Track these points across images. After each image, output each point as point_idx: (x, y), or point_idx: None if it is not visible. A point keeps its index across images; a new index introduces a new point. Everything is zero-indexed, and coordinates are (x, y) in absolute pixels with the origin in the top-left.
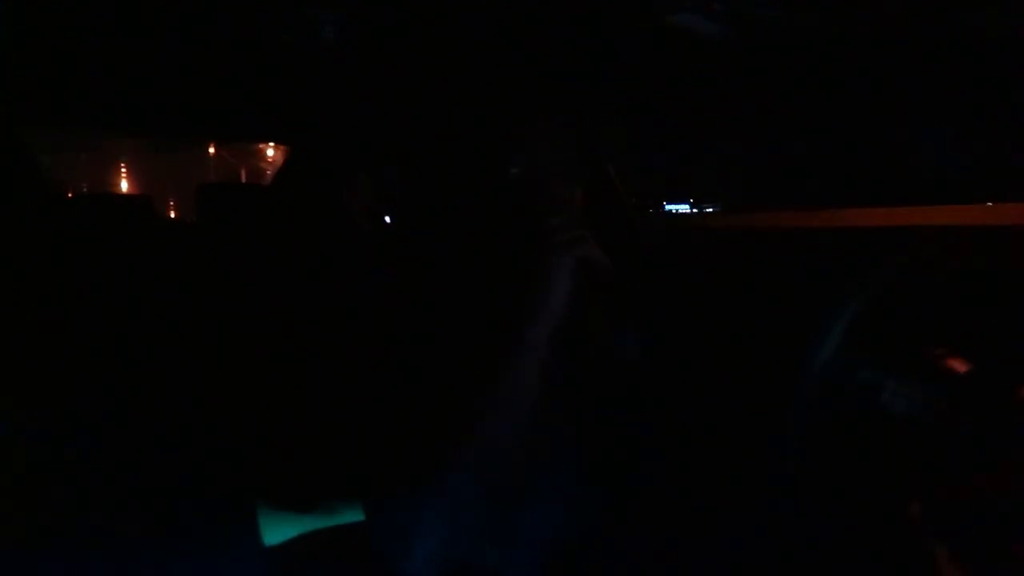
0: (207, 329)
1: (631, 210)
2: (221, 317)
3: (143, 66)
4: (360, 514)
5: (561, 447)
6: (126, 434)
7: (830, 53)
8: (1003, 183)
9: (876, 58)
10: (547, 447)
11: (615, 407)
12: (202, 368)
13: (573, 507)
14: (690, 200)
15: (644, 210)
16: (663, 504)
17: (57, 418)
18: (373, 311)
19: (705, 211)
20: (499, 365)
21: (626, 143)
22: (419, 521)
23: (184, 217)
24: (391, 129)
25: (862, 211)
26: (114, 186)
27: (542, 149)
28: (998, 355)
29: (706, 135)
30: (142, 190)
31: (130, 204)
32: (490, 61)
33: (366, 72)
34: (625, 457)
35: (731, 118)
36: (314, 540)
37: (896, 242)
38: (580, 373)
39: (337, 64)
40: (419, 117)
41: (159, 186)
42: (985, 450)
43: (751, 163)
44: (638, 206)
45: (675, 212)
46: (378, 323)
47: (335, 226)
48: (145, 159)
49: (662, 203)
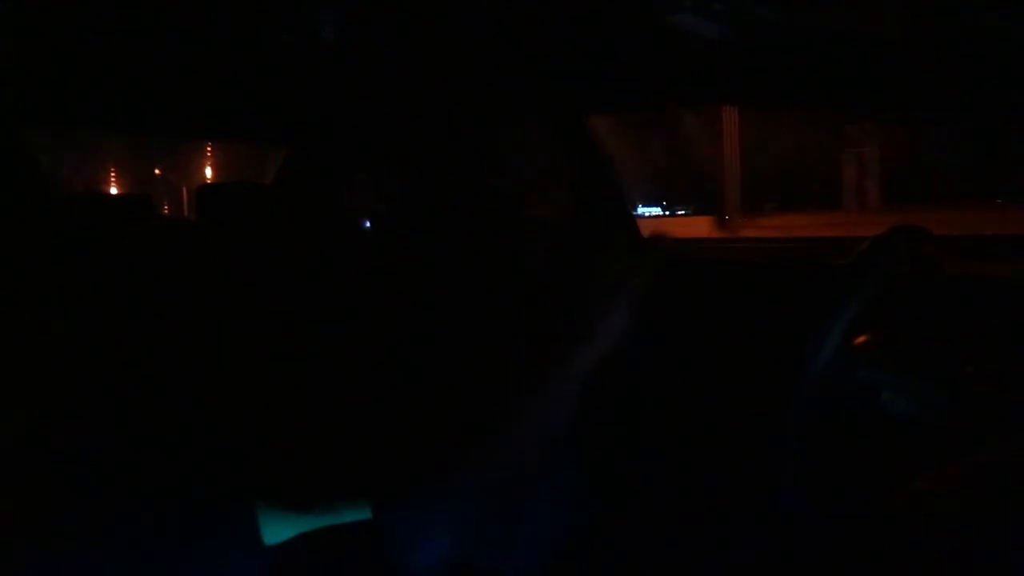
0: (207, 329)
1: (630, 214)
2: (221, 317)
3: (143, 66)
4: (360, 513)
5: (569, 451)
6: (126, 434)
7: (830, 54)
8: (1003, 185)
9: (876, 58)
10: (559, 452)
11: (620, 410)
12: (202, 368)
13: (576, 508)
14: (662, 203)
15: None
16: (664, 504)
17: (57, 418)
18: (373, 311)
19: (677, 213)
20: (530, 376)
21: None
22: (431, 520)
23: (182, 217)
24: (391, 129)
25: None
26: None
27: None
28: (998, 355)
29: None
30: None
31: (130, 204)
32: (489, 61)
33: (366, 72)
34: (627, 459)
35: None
36: (314, 540)
37: (896, 242)
38: (608, 387)
39: (337, 64)
40: (419, 117)
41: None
42: (984, 450)
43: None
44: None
45: (646, 215)
46: (378, 323)
47: (335, 226)
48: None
49: (635, 206)
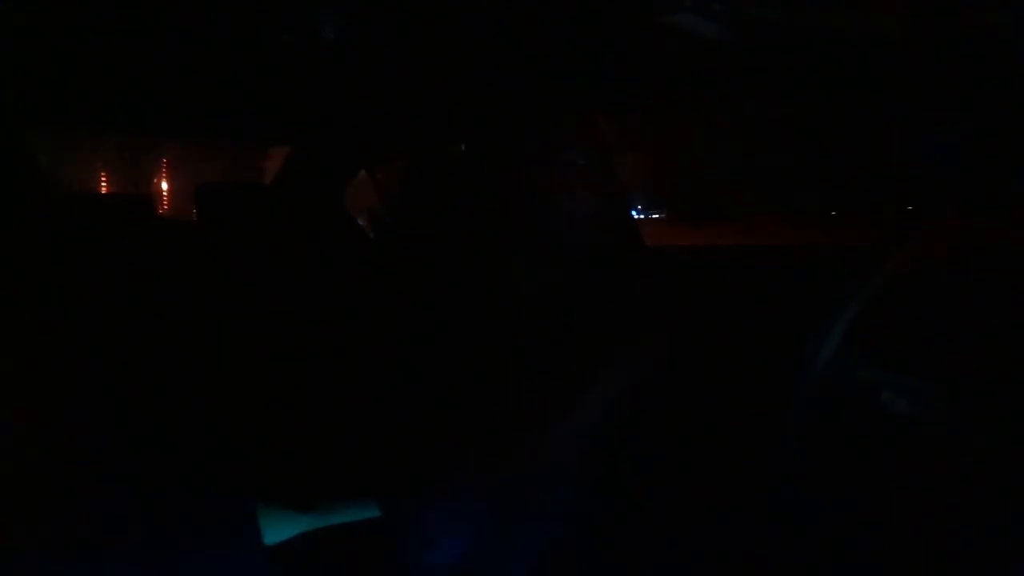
0: (207, 329)
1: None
2: (221, 317)
3: (143, 66)
4: (360, 513)
5: (578, 452)
6: (127, 434)
7: (830, 54)
8: (1004, 186)
9: (876, 59)
10: (570, 454)
11: (623, 411)
12: (202, 368)
13: (580, 507)
14: (637, 207)
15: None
16: (663, 504)
17: (57, 418)
18: (374, 311)
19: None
20: (542, 378)
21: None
22: (448, 520)
23: (185, 217)
24: (392, 129)
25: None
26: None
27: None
28: (998, 355)
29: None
30: None
31: (130, 204)
32: (490, 61)
33: (366, 72)
34: (628, 458)
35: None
36: (314, 540)
37: (897, 243)
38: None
39: (337, 64)
40: (419, 118)
41: None
42: (985, 450)
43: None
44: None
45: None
46: (379, 324)
47: (336, 226)
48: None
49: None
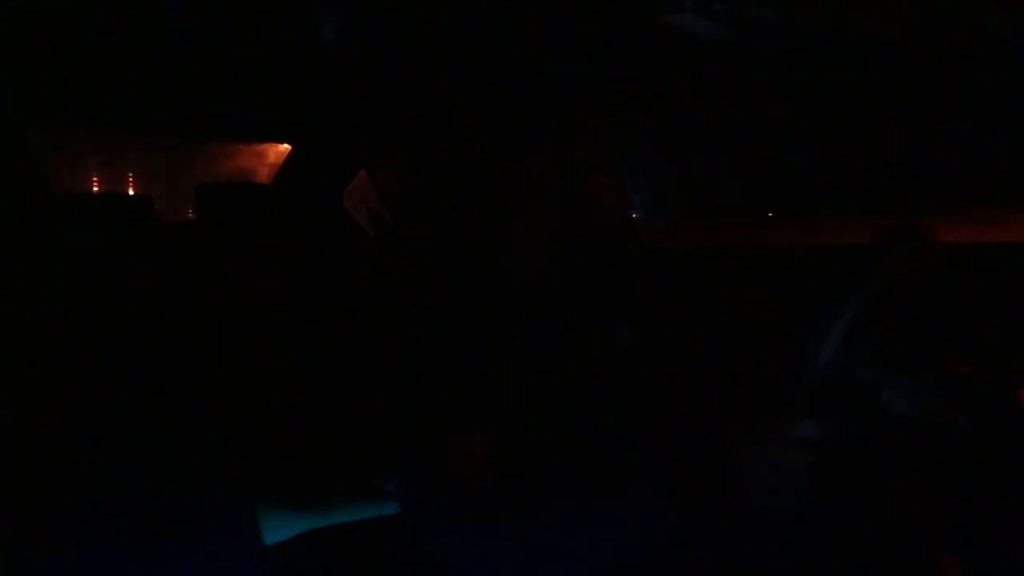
0: (207, 329)
1: (631, 217)
2: (221, 317)
3: (144, 66)
4: (360, 513)
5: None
6: (126, 433)
7: (830, 54)
8: (1004, 188)
9: (877, 59)
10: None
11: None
12: (202, 368)
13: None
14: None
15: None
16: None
17: (57, 417)
18: (374, 312)
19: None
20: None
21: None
22: (487, 526)
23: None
24: (392, 129)
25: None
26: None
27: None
28: (998, 355)
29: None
30: None
31: (130, 204)
32: (490, 61)
33: (366, 72)
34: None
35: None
36: (314, 540)
37: (896, 243)
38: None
39: (337, 64)
40: (419, 118)
41: None
42: (984, 450)
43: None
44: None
45: None
46: (379, 324)
47: (336, 226)
48: None
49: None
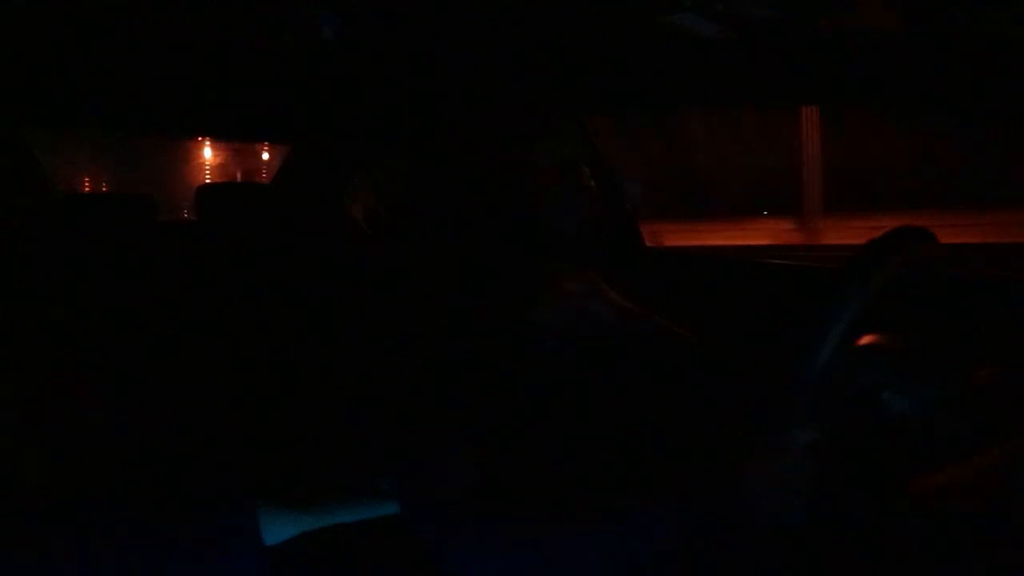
0: (208, 329)
1: (632, 217)
2: (222, 317)
3: (143, 66)
4: (360, 513)
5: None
6: (126, 433)
7: (830, 54)
8: (1004, 189)
9: (876, 58)
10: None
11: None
12: (202, 368)
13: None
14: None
15: None
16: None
17: (57, 417)
18: (374, 312)
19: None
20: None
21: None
22: (500, 536)
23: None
24: (392, 129)
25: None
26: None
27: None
28: (997, 355)
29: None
30: None
31: (130, 204)
32: (490, 61)
33: (366, 72)
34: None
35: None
36: (314, 540)
37: (896, 243)
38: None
39: (337, 64)
40: (419, 118)
41: None
42: (984, 450)
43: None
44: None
45: None
46: (379, 324)
47: (336, 226)
48: None
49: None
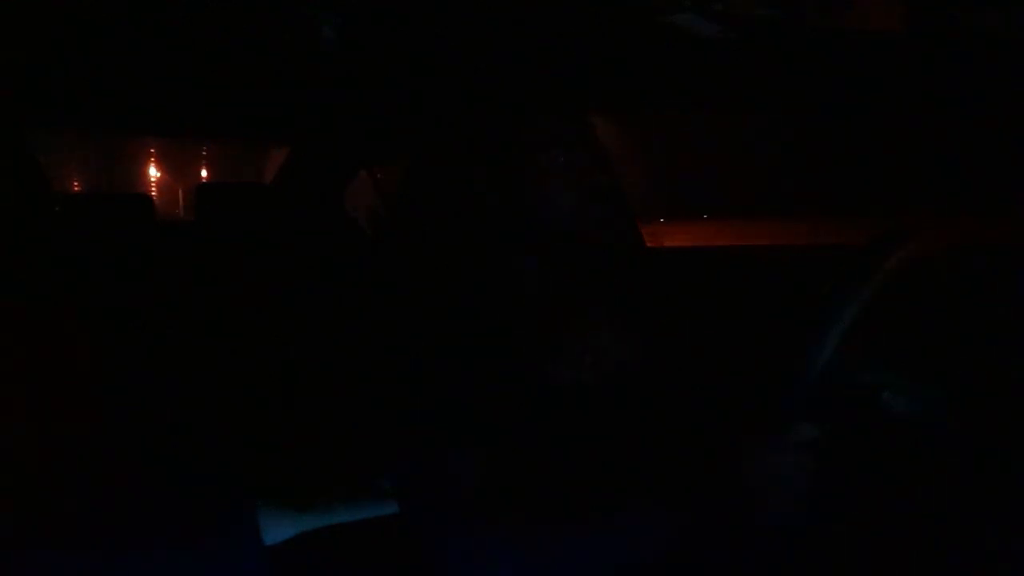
0: (208, 329)
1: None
2: (222, 317)
3: (143, 66)
4: (360, 513)
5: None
6: (127, 433)
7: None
8: (1005, 190)
9: (876, 59)
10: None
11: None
12: (202, 368)
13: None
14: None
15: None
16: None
17: (57, 418)
18: (374, 311)
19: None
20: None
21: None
22: (496, 545)
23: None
24: (393, 129)
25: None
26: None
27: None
28: (997, 355)
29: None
30: None
31: (130, 204)
32: (489, 61)
33: (366, 72)
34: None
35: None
36: (314, 540)
37: (895, 243)
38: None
39: (337, 64)
40: (421, 116)
41: None
42: (984, 450)
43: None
44: None
45: None
46: (379, 323)
47: (336, 226)
48: None
49: None
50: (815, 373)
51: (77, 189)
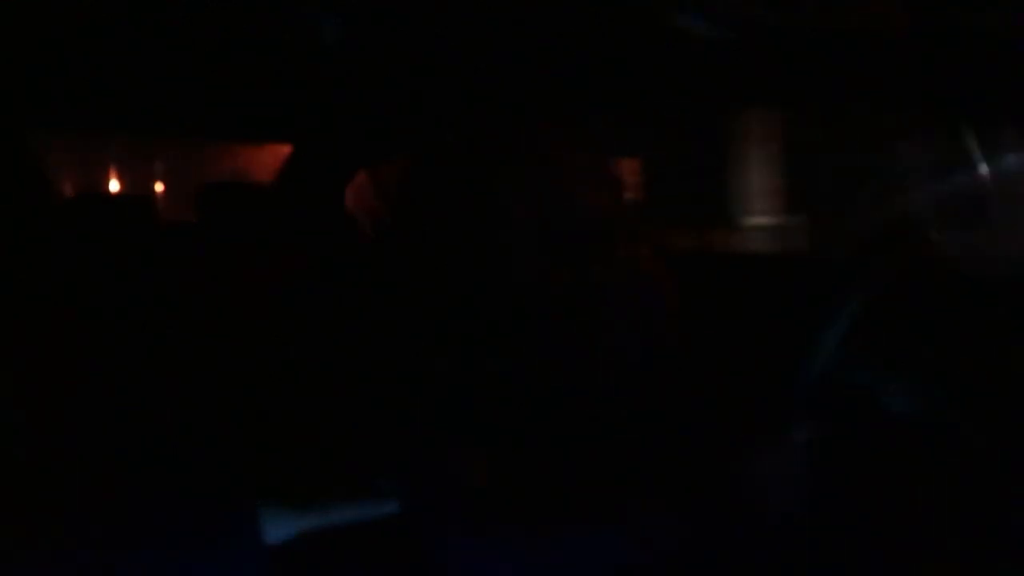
0: (208, 329)
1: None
2: (222, 317)
3: (143, 66)
4: (360, 513)
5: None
6: (127, 433)
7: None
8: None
9: (876, 58)
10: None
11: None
12: (202, 367)
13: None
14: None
15: None
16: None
17: (57, 417)
18: (374, 311)
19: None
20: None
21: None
22: (498, 551)
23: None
24: (394, 129)
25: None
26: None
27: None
28: (997, 355)
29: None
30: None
31: (130, 205)
32: (489, 61)
33: (367, 71)
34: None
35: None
36: (314, 540)
37: (896, 243)
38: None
39: (339, 64)
40: (422, 117)
41: None
42: (984, 450)
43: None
44: None
45: None
46: (381, 324)
47: (336, 226)
48: None
49: None
50: (815, 373)
51: (77, 189)
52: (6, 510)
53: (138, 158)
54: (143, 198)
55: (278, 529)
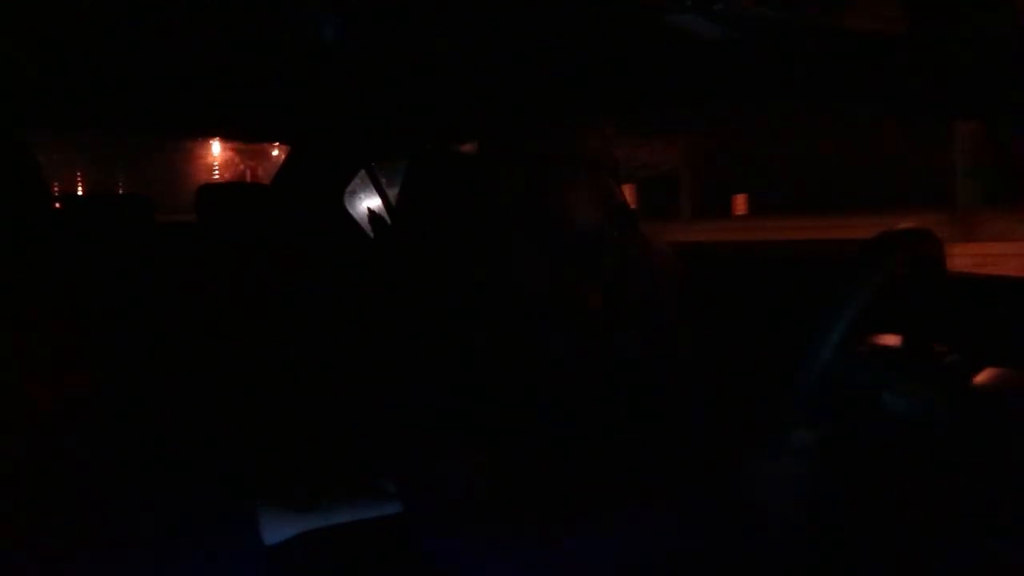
0: (208, 329)
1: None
2: (221, 317)
3: (143, 66)
4: (360, 513)
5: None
6: (127, 434)
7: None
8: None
9: (877, 58)
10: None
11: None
12: (203, 368)
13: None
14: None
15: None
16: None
17: (57, 418)
18: (374, 311)
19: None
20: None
21: None
22: (496, 548)
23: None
24: (394, 129)
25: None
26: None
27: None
28: (997, 355)
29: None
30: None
31: (130, 205)
32: (490, 61)
33: (367, 71)
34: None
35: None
36: (314, 540)
37: (896, 242)
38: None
39: (339, 64)
40: (421, 116)
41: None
42: (984, 450)
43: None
44: None
45: None
46: (381, 324)
47: (336, 226)
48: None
49: None
50: (815, 373)
51: (77, 189)
52: (7, 510)
53: (138, 158)
54: (143, 198)
55: (278, 529)
